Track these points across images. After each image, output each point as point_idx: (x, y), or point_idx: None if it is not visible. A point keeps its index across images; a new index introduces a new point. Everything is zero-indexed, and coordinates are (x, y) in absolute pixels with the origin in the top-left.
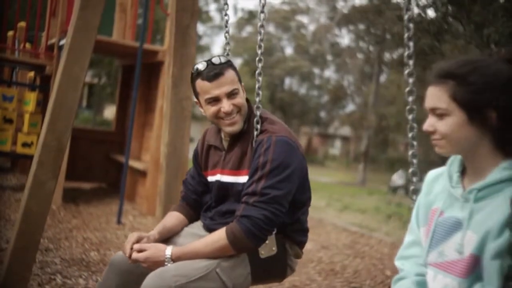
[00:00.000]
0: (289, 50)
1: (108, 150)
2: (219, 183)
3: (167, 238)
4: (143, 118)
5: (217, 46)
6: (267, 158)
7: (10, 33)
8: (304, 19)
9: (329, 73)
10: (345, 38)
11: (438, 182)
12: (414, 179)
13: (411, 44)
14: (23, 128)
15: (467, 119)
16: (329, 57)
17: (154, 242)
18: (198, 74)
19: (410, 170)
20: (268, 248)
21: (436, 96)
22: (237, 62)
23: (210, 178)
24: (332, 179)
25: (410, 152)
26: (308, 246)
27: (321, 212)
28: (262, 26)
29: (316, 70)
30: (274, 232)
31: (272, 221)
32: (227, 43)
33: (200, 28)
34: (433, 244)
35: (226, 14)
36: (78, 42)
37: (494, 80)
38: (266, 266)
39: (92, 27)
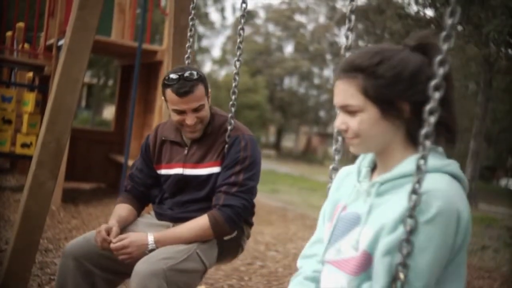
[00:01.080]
0: (288, 50)
1: (107, 150)
2: (180, 176)
3: (123, 227)
4: (142, 118)
5: (217, 48)
6: (246, 153)
7: (9, 33)
8: (303, 18)
9: (329, 72)
10: (344, 38)
11: (348, 178)
12: (333, 175)
13: (350, 35)
14: (22, 129)
15: (380, 114)
16: (328, 57)
17: (119, 232)
18: (169, 85)
19: (331, 166)
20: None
21: (346, 92)
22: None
23: (165, 171)
24: None
25: (333, 147)
26: None
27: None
28: (242, 28)
29: (316, 70)
30: None
31: (248, 208)
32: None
33: (200, 29)
34: (332, 241)
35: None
36: (77, 42)
37: (403, 71)
38: (227, 247)
39: (91, 27)
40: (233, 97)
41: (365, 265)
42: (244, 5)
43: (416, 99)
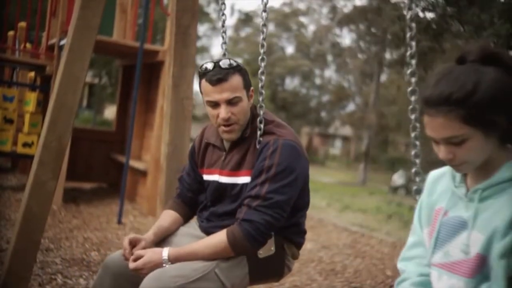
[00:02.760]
0: (289, 50)
1: (109, 150)
2: (217, 183)
3: (163, 238)
4: (144, 118)
5: (216, 47)
6: (273, 161)
7: (11, 33)
8: (304, 19)
9: (330, 73)
10: (345, 38)
11: (441, 182)
12: (417, 179)
13: (413, 43)
14: (23, 128)
15: (485, 136)
16: (329, 57)
17: (150, 243)
18: (204, 74)
19: (413, 170)
20: (267, 249)
21: (447, 126)
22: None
23: (206, 177)
24: (332, 179)
25: (412, 152)
26: (309, 246)
27: (322, 212)
28: (264, 25)
29: (317, 70)
30: (272, 233)
31: (272, 225)
32: (224, 42)
33: (200, 28)
34: (438, 245)
35: (223, 14)
36: (79, 42)
37: (497, 91)
38: (264, 266)
39: (93, 27)
40: (260, 99)
41: (479, 268)
42: (265, 1)
43: (510, 110)
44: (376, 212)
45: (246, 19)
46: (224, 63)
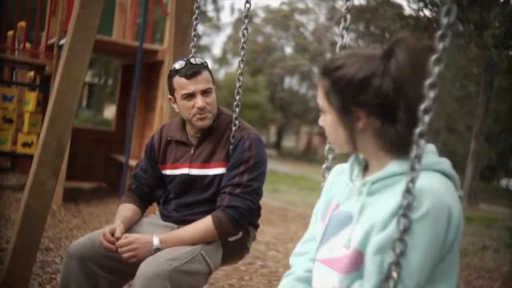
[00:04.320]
0: (288, 50)
1: (108, 150)
2: (186, 176)
3: (128, 228)
4: (143, 117)
5: (216, 46)
6: (250, 153)
7: (10, 32)
8: (303, 18)
9: None
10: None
11: (341, 177)
12: (326, 174)
13: (345, 34)
14: (23, 128)
15: (338, 118)
16: (328, 56)
17: (123, 232)
18: (176, 71)
19: (324, 165)
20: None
21: (318, 93)
22: (236, 61)
23: (171, 172)
24: None
25: (326, 147)
26: None
27: None
28: (245, 29)
29: (316, 70)
30: None
31: (252, 210)
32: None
33: (199, 27)
34: (324, 239)
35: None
36: (78, 41)
37: (354, 77)
38: (232, 249)
39: (92, 27)
40: (237, 98)
41: (356, 264)
42: (248, 5)
43: (367, 107)
44: None
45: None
46: (193, 60)
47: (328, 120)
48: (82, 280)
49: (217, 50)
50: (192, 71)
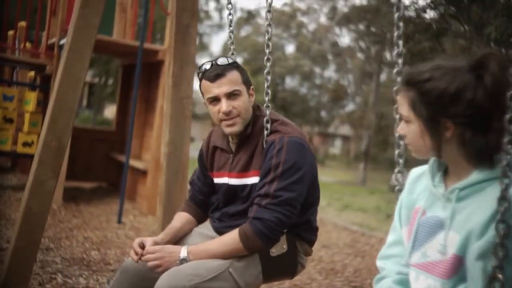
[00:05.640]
0: (289, 49)
1: (109, 150)
2: (227, 186)
3: (177, 239)
4: (144, 117)
5: (216, 45)
6: (279, 159)
7: (11, 32)
8: (304, 19)
9: (330, 72)
10: (345, 38)
11: (421, 181)
12: (400, 178)
13: (400, 43)
14: (23, 128)
15: (423, 128)
16: (329, 57)
17: (161, 243)
18: (203, 74)
19: (396, 169)
20: (279, 247)
21: (401, 103)
22: (238, 61)
23: (217, 180)
24: (332, 179)
25: (396, 152)
26: None
27: (322, 211)
28: (269, 25)
29: (317, 70)
30: (285, 231)
31: (284, 222)
32: (232, 43)
33: (200, 27)
34: (416, 245)
35: (230, 14)
36: (79, 41)
37: (446, 90)
38: (277, 264)
39: (93, 26)
40: (266, 98)
41: (456, 269)
42: (270, 0)
43: (457, 119)
44: (376, 212)
45: (248, 17)
46: (221, 61)
47: (412, 129)
48: None
49: (216, 48)
50: (215, 73)
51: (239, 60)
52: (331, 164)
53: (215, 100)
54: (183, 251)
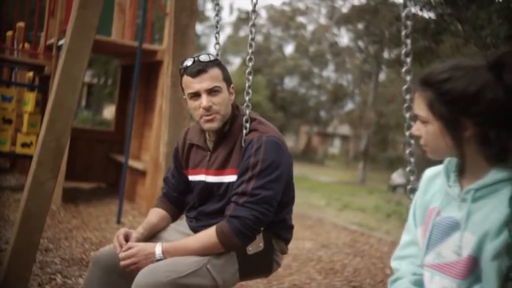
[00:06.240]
0: (288, 50)
1: (108, 150)
2: (203, 183)
3: (153, 234)
4: (143, 117)
5: (213, 46)
6: (257, 158)
7: (9, 33)
8: (303, 19)
9: (328, 72)
10: (344, 38)
11: (435, 181)
12: (412, 177)
13: (408, 41)
14: (22, 128)
15: (443, 129)
16: (328, 57)
17: (141, 238)
18: (184, 69)
19: (408, 168)
20: (256, 245)
21: (418, 103)
22: (236, 61)
23: (192, 178)
24: (331, 178)
25: (407, 151)
26: (308, 245)
27: (321, 211)
28: (253, 25)
29: (316, 70)
30: (261, 229)
31: (261, 221)
32: (217, 43)
33: (198, 27)
34: (430, 245)
35: (217, 15)
36: (77, 42)
37: (466, 90)
38: (253, 262)
39: (91, 27)
40: (247, 98)
41: (471, 269)
42: (254, 1)
43: (478, 118)
44: (375, 211)
45: (246, 17)
46: (203, 58)
47: (429, 130)
48: None
49: (214, 49)
50: (197, 69)
51: (238, 60)
52: (330, 164)
53: (196, 95)
54: (158, 251)
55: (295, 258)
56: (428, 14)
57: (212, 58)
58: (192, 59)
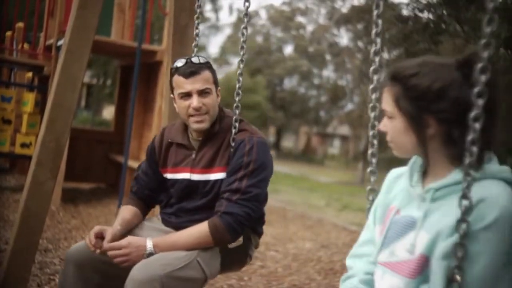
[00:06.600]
0: (288, 50)
1: (107, 150)
2: (188, 181)
3: (128, 231)
4: (142, 118)
5: (212, 46)
6: (251, 158)
7: (8, 33)
8: (303, 19)
9: (328, 72)
10: (343, 38)
11: (399, 181)
12: (372, 178)
13: (378, 40)
14: (21, 129)
15: (407, 125)
16: (328, 57)
17: (118, 234)
18: (176, 70)
19: (369, 169)
20: (237, 240)
21: (385, 98)
22: (236, 61)
23: (172, 176)
24: (331, 179)
25: (369, 151)
26: (308, 245)
27: (321, 211)
28: (245, 28)
29: (315, 70)
30: None
31: (251, 217)
32: (196, 46)
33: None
34: (385, 243)
35: (197, 28)
36: (77, 42)
37: (431, 86)
38: (232, 256)
39: (91, 27)
40: (237, 99)
41: (421, 269)
42: (247, 4)
43: (442, 116)
44: None
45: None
46: (195, 59)
47: (395, 125)
48: (77, 286)
49: (214, 50)
50: (190, 70)
51: (236, 60)
52: (330, 164)
53: (187, 95)
54: (149, 245)
55: (295, 258)
56: (427, 15)
57: (203, 60)
58: (184, 60)
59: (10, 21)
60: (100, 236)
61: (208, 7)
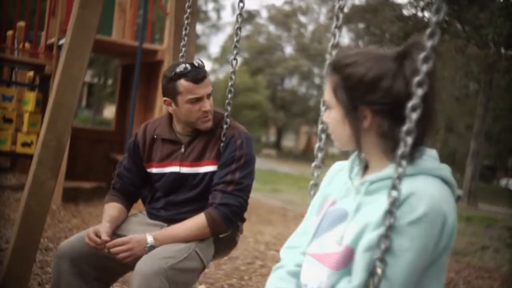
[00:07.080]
0: (289, 50)
1: (108, 150)
2: (176, 174)
3: (116, 227)
4: (143, 117)
5: (214, 46)
6: (242, 152)
7: (10, 32)
8: (304, 19)
9: None
10: (345, 38)
11: (340, 174)
12: (316, 173)
13: (337, 33)
14: (22, 128)
15: (343, 115)
16: (328, 56)
17: (110, 232)
18: (182, 75)
19: (313, 164)
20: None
21: (327, 88)
22: (238, 61)
23: (158, 170)
24: None
25: (316, 145)
26: None
27: None
28: (239, 28)
29: (316, 69)
30: None
31: (244, 207)
32: (182, 54)
33: (198, 27)
34: (317, 234)
35: (184, 40)
36: (78, 41)
37: (365, 76)
38: (222, 244)
39: (92, 26)
40: (229, 96)
41: (346, 260)
42: (241, 4)
43: (375, 107)
44: None
45: (249, 17)
46: (198, 63)
47: (333, 116)
48: (73, 281)
49: (215, 49)
50: (201, 76)
51: (239, 60)
52: (331, 164)
53: (198, 100)
54: (149, 239)
55: None
56: (428, 15)
57: (202, 63)
58: (188, 65)
59: (11, 20)
60: (98, 236)
61: (210, 6)
